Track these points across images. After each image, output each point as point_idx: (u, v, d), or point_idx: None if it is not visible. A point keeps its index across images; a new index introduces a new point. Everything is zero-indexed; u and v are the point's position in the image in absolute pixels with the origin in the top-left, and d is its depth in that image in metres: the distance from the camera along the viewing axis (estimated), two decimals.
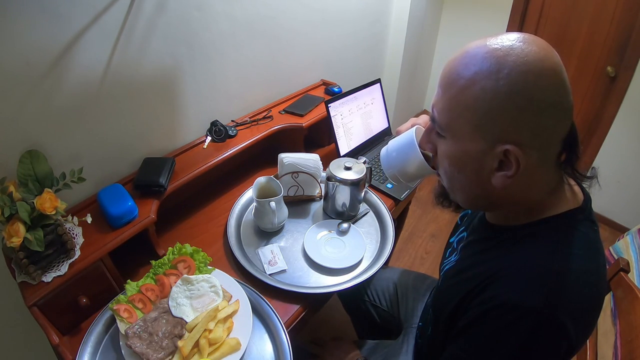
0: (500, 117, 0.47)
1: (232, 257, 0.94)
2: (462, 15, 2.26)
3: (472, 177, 0.53)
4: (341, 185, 1.00)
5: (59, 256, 0.77)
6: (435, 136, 0.57)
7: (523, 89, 0.45)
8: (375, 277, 1.08)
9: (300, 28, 1.38)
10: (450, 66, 0.51)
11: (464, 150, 0.52)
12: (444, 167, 0.57)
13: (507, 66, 0.45)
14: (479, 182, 0.53)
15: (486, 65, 0.46)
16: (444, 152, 0.55)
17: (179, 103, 1.08)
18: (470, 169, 0.53)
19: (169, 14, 0.95)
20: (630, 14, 1.74)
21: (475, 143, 0.50)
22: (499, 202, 0.55)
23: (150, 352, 0.70)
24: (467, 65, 0.49)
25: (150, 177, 0.94)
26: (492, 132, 0.48)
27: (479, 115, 0.48)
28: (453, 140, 0.53)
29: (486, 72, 0.46)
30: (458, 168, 0.54)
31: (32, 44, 0.74)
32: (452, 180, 0.57)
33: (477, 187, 0.54)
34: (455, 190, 0.58)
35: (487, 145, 0.49)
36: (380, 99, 1.43)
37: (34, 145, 0.79)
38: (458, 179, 0.56)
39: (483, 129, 0.48)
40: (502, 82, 0.45)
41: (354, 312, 1.20)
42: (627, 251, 1.53)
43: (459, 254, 0.69)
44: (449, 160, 0.55)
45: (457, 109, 0.50)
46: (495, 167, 0.50)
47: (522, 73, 0.45)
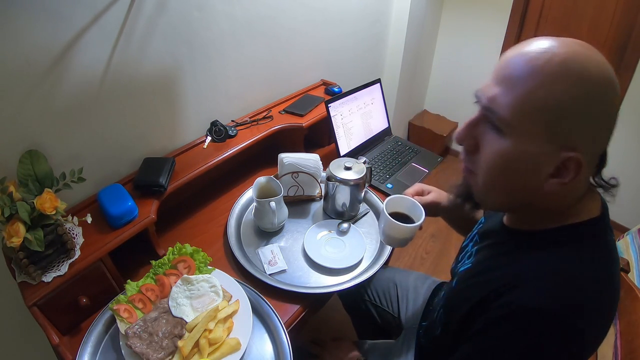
0: (574, 123, 0.46)
1: (232, 257, 0.94)
2: (462, 15, 2.26)
3: (522, 179, 0.51)
4: (341, 185, 1.00)
5: (59, 256, 0.77)
6: (484, 130, 0.52)
7: (600, 99, 0.45)
8: (376, 277, 1.08)
9: (300, 28, 1.38)
10: (522, 62, 0.48)
11: (523, 150, 0.49)
12: (488, 165, 0.52)
13: (590, 74, 0.45)
14: (528, 185, 0.51)
15: (567, 67, 0.45)
16: (495, 149, 0.51)
17: (179, 103, 1.08)
18: (523, 170, 0.50)
19: (169, 13, 0.95)
20: (630, 14, 1.74)
21: (538, 145, 0.48)
22: (534, 207, 0.54)
23: (150, 352, 0.70)
24: (545, 62, 0.46)
25: (150, 177, 0.94)
26: (561, 137, 0.47)
27: (551, 118, 0.46)
28: (513, 139, 0.49)
29: (570, 75, 0.45)
30: (511, 169, 0.51)
31: (33, 43, 0.74)
32: (493, 179, 0.53)
33: (522, 190, 0.52)
34: (492, 190, 0.55)
35: (551, 149, 0.47)
36: (380, 99, 1.43)
37: (34, 145, 0.79)
38: (503, 179, 0.53)
39: (552, 132, 0.47)
40: (585, 88, 0.45)
41: (354, 312, 1.20)
42: (627, 251, 1.53)
43: (474, 257, 0.68)
44: (501, 158, 0.51)
45: (529, 107, 0.47)
46: (551, 172, 0.49)
47: (601, 84, 0.45)
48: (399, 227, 0.80)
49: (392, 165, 1.32)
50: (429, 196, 0.87)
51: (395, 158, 1.35)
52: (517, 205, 0.56)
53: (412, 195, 0.86)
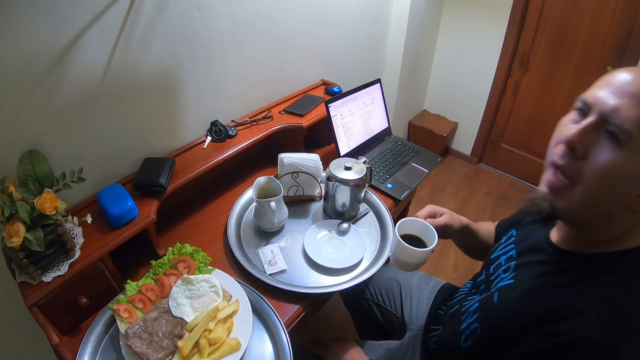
0: None
1: (232, 257, 0.94)
2: (462, 15, 2.26)
3: (621, 195, 0.51)
4: (341, 185, 1.00)
5: (59, 256, 0.77)
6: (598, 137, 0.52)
7: None
8: (379, 276, 1.08)
9: (300, 28, 1.38)
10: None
11: (634, 165, 0.49)
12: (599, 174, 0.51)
13: None
14: (621, 201, 0.52)
15: None
16: (612, 159, 0.50)
17: (179, 103, 1.08)
18: (626, 186, 0.51)
19: (169, 13, 0.95)
20: (630, 14, 1.74)
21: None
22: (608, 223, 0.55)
23: (150, 352, 0.70)
24: None
25: (150, 177, 0.94)
26: None
27: None
28: (631, 153, 0.49)
29: None
30: (617, 181, 0.51)
31: (33, 43, 0.74)
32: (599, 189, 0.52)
33: (613, 205, 0.52)
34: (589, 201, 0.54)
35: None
36: (380, 99, 1.43)
37: (34, 145, 0.79)
38: (608, 190, 0.52)
39: None
40: None
41: (356, 310, 1.19)
42: None
43: (514, 272, 0.66)
44: (615, 171, 0.50)
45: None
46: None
47: None
48: (411, 252, 0.76)
49: (392, 165, 1.32)
50: (442, 218, 0.85)
51: (395, 158, 1.35)
52: (596, 219, 0.55)
53: (425, 218, 0.83)
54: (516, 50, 2.18)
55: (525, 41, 2.12)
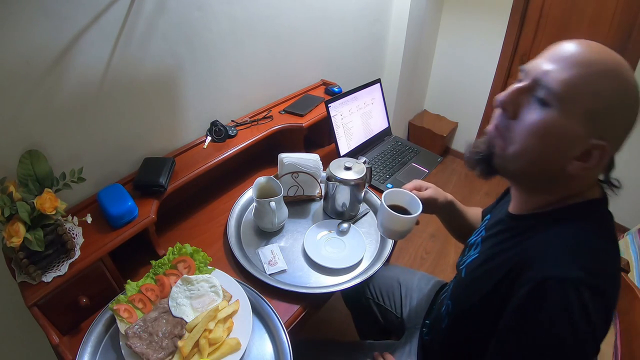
0: (613, 118, 0.51)
1: (232, 257, 0.94)
2: (462, 15, 2.26)
3: (553, 154, 0.54)
4: (341, 185, 1.00)
5: (59, 256, 0.77)
6: (529, 99, 0.55)
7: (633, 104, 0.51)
8: (379, 275, 1.08)
9: (300, 28, 1.38)
10: (584, 51, 0.52)
11: (563, 126, 0.52)
12: (528, 130, 0.55)
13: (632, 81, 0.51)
14: (556, 162, 0.54)
15: (623, 72, 0.50)
16: (539, 119, 0.53)
17: (179, 103, 1.08)
18: (557, 146, 0.53)
19: (169, 13, 0.95)
20: (630, 14, 1.74)
21: (577, 126, 0.51)
22: (551, 186, 0.58)
23: (150, 352, 0.70)
24: (608, 57, 0.51)
25: (150, 177, 0.94)
26: (598, 126, 0.51)
27: (599, 107, 0.50)
28: (558, 113, 0.52)
29: (624, 77, 0.50)
30: (545, 140, 0.54)
31: (32, 43, 0.74)
32: (527, 148, 0.55)
33: (549, 165, 0.55)
34: (521, 158, 0.57)
35: (586, 133, 0.51)
36: (380, 99, 1.43)
37: (34, 145, 0.79)
38: (535, 150, 0.55)
39: (594, 119, 0.50)
40: (631, 94, 0.51)
41: (356, 309, 1.20)
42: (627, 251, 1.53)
43: (479, 247, 0.69)
44: (541, 130, 0.53)
45: (585, 89, 0.50)
46: (577, 155, 0.52)
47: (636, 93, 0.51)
48: (397, 219, 0.82)
49: (392, 165, 1.32)
50: (427, 192, 0.89)
51: (395, 158, 1.35)
52: (535, 179, 0.59)
53: (410, 190, 0.88)
54: (516, 50, 2.18)
55: (525, 41, 2.12)
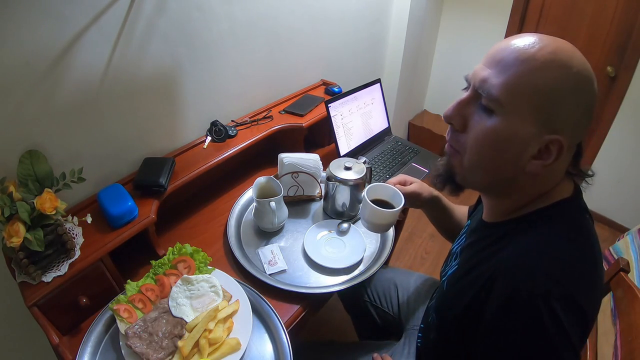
0: (560, 108, 0.49)
1: (232, 257, 0.94)
2: (462, 15, 2.26)
3: (509, 159, 0.53)
4: (341, 185, 1.00)
5: (59, 256, 0.77)
6: (474, 109, 0.54)
7: (583, 89, 0.49)
8: (376, 278, 1.08)
9: (300, 28, 1.38)
10: (515, 49, 0.50)
11: (512, 130, 0.51)
12: (477, 142, 0.54)
13: (576, 64, 0.49)
14: (513, 165, 0.53)
15: (560, 56, 0.49)
16: (486, 128, 0.53)
17: (179, 103, 1.08)
18: (510, 150, 0.52)
19: (169, 14, 0.95)
20: (630, 14, 1.74)
21: (526, 126, 0.50)
22: (517, 189, 0.56)
23: (150, 352, 0.70)
24: (541, 48, 0.49)
25: (150, 177, 0.94)
26: (548, 120, 0.49)
27: (542, 101, 0.49)
28: (504, 118, 0.51)
29: (560, 62, 0.48)
30: (497, 147, 0.53)
31: (33, 43, 0.74)
32: (481, 158, 0.55)
33: (507, 171, 0.54)
34: (477, 168, 0.57)
35: (537, 131, 0.50)
36: (380, 99, 1.43)
37: (34, 145, 0.79)
38: (490, 159, 0.54)
39: (539, 115, 0.49)
40: (572, 77, 0.48)
41: (355, 312, 1.20)
42: (627, 251, 1.53)
43: (459, 258, 0.69)
44: (490, 138, 0.53)
45: (523, 87, 0.49)
46: (534, 154, 0.51)
47: (584, 74, 0.49)
48: (379, 213, 0.83)
49: (392, 165, 1.32)
50: (411, 186, 0.90)
51: (395, 158, 1.35)
52: (499, 186, 0.58)
53: (394, 184, 0.89)
54: None
55: None
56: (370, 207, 0.83)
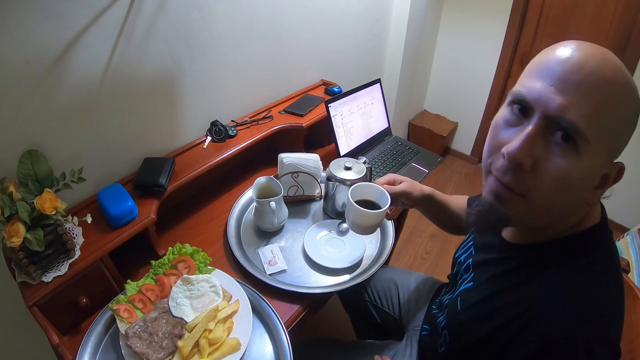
0: (628, 133, 0.46)
1: (232, 257, 0.94)
2: (462, 16, 2.26)
3: (579, 196, 0.47)
4: (341, 185, 1.00)
5: (59, 256, 0.77)
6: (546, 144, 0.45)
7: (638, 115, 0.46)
8: (376, 278, 1.08)
9: (300, 28, 1.38)
10: (597, 65, 0.43)
11: (590, 165, 0.44)
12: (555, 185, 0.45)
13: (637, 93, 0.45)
14: (579, 200, 0.47)
15: (629, 84, 0.44)
16: (565, 165, 0.44)
17: (179, 103, 1.08)
18: (583, 185, 0.46)
19: (169, 14, 0.95)
20: (630, 14, 1.74)
21: (601, 157, 0.45)
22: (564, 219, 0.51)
23: (150, 352, 0.70)
24: (616, 71, 0.43)
25: (150, 177, 0.94)
26: (618, 147, 0.46)
27: (619, 128, 0.44)
28: (584, 153, 0.43)
29: (630, 86, 0.44)
30: (575, 185, 0.45)
31: (32, 43, 0.74)
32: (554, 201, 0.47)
33: (572, 207, 0.49)
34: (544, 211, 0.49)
35: (608, 159, 0.46)
36: (380, 99, 1.43)
37: (34, 145, 0.79)
38: (562, 199, 0.46)
39: (615, 142, 0.45)
40: (636, 107, 0.45)
41: (354, 312, 1.20)
42: (627, 251, 1.53)
43: (473, 272, 0.65)
44: (570, 176, 0.44)
45: (606, 117, 0.42)
46: (597, 184, 0.47)
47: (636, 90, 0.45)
48: (363, 214, 0.79)
49: (392, 165, 1.32)
50: (400, 186, 0.85)
51: (395, 158, 1.35)
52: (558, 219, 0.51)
53: (383, 184, 0.85)
54: (516, 50, 2.18)
55: (525, 41, 2.12)
56: (354, 208, 0.79)
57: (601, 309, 0.47)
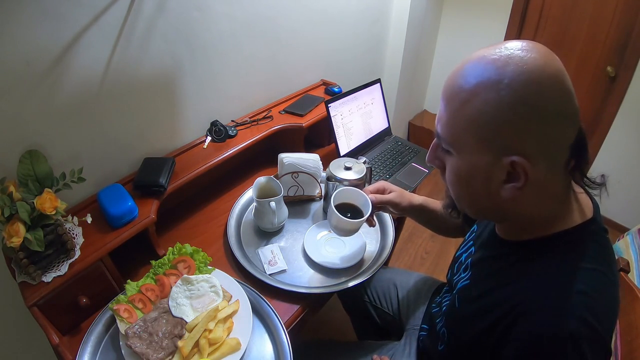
0: (504, 129, 0.46)
1: (232, 257, 0.94)
2: (462, 15, 2.26)
3: (481, 190, 0.52)
4: (341, 185, 1.00)
5: (59, 256, 0.77)
6: (442, 152, 0.56)
7: (525, 98, 0.44)
8: (376, 278, 1.08)
9: (300, 28, 1.38)
10: (451, 79, 0.50)
11: (470, 163, 0.51)
12: (451, 182, 0.56)
13: (507, 76, 0.44)
14: (488, 194, 0.52)
15: (486, 75, 0.46)
16: (451, 167, 0.54)
17: (179, 103, 1.08)
18: (478, 182, 0.52)
19: (169, 14, 0.95)
20: (630, 14, 1.74)
21: (481, 156, 0.49)
22: (509, 214, 0.54)
23: (150, 352, 0.70)
24: (467, 77, 0.48)
25: (150, 177, 0.94)
26: (498, 144, 0.47)
27: (482, 128, 0.47)
28: (459, 155, 0.52)
29: (487, 82, 0.46)
30: (466, 182, 0.53)
31: (32, 43, 0.74)
32: (460, 194, 0.56)
33: (485, 200, 0.53)
34: (463, 203, 0.58)
35: (494, 157, 0.48)
36: (380, 99, 1.43)
37: (34, 145, 0.79)
38: (466, 193, 0.55)
39: (488, 141, 0.48)
40: (503, 93, 0.45)
41: (354, 312, 1.20)
42: (627, 251, 1.53)
43: (470, 270, 0.67)
44: (456, 175, 0.54)
45: (461, 122, 0.49)
46: (504, 179, 0.49)
47: (523, 82, 0.44)
48: (342, 221, 0.84)
49: (392, 165, 1.32)
50: (388, 195, 0.88)
51: (395, 158, 1.35)
52: (494, 214, 0.57)
53: (371, 192, 0.88)
54: None
55: None
56: (334, 214, 0.84)
57: (590, 306, 0.47)
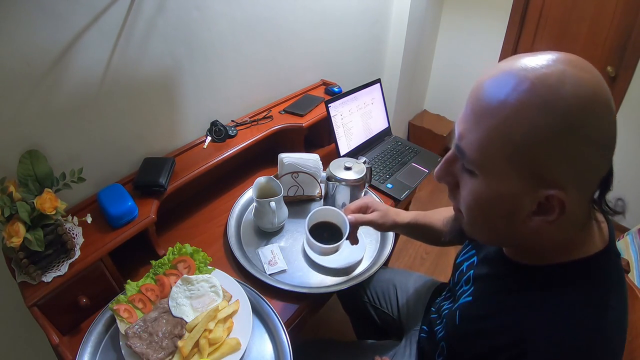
0: (548, 158, 0.40)
1: (232, 257, 0.94)
2: (462, 16, 2.26)
3: (502, 218, 0.47)
4: (341, 185, 1.00)
5: (59, 256, 0.77)
6: (460, 169, 0.49)
7: (580, 127, 0.39)
8: (375, 279, 1.08)
9: (300, 28, 1.38)
10: (487, 88, 0.43)
11: (497, 191, 0.45)
12: (469, 205, 0.49)
13: (563, 99, 0.38)
14: (509, 223, 0.47)
15: (536, 94, 0.39)
16: (471, 190, 0.47)
17: (179, 103, 1.08)
18: (501, 209, 0.46)
19: (169, 14, 0.95)
20: (630, 14, 1.74)
21: (512, 182, 0.43)
22: (527, 242, 0.50)
23: (150, 352, 0.70)
24: (510, 91, 0.40)
25: (150, 177, 0.94)
26: (535, 173, 0.41)
27: (522, 154, 0.41)
28: (485, 178, 0.45)
29: (537, 103, 0.39)
30: (487, 207, 0.47)
31: (32, 44, 0.74)
32: (476, 219, 0.50)
33: (504, 228, 0.48)
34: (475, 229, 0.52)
35: (527, 187, 0.43)
36: (380, 99, 1.43)
37: (34, 145, 0.79)
38: (484, 219, 0.49)
39: (524, 168, 0.42)
40: (557, 119, 0.38)
41: (353, 312, 1.19)
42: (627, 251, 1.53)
43: (472, 285, 0.64)
44: (476, 200, 0.47)
45: (496, 143, 0.42)
46: (534, 210, 0.44)
47: (579, 109, 0.38)
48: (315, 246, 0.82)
49: (392, 165, 1.32)
50: (370, 215, 0.83)
51: (395, 158, 1.35)
52: (509, 242, 0.53)
53: (353, 211, 0.84)
54: (516, 51, 2.17)
55: (525, 41, 2.12)
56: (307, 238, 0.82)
57: (603, 346, 0.45)
